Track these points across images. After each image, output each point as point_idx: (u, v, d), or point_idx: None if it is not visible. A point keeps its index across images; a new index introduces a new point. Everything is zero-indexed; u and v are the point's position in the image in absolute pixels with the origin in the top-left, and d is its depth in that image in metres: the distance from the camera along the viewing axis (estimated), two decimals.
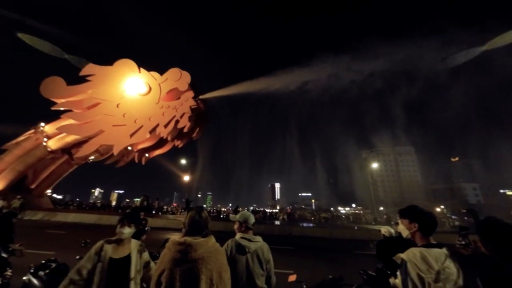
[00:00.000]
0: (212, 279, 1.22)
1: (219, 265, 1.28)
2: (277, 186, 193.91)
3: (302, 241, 12.69)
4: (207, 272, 1.22)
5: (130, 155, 20.07)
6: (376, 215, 34.84)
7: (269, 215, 29.79)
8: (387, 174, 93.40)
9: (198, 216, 1.46)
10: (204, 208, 1.55)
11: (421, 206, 1.62)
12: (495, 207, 59.70)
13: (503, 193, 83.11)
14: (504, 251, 1.37)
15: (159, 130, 15.62)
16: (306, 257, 8.76)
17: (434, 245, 1.44)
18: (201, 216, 1.47)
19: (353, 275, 3.71)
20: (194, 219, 1.45)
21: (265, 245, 2.01)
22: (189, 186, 29.48)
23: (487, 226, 1.44)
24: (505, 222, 1.45)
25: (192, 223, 1.44)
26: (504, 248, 1.37)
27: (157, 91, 16.19)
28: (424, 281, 1.31)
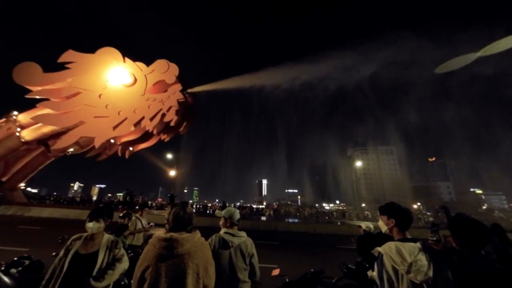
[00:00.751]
0: (198, 273, 1.23)
1: (205, 259, 1.29)
2: (264, 183, 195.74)
3: (287, 236, 12.97)
4: (194, 266, 1.23)
5: (112, 148, 19.29)
6: (358, 211, 36.28)
7: (255, 211, 30.06)
8: (369, 172, 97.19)
9: (182, 212, 1.45)
10: (188, 204, 1.55)
11: (399, 203, 1.71)
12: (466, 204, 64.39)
13: (473, 191, 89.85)
14: (472, 245, 1.49)
15: (145, 123, 15.12)
16: (291, 252, 8.97)
17: (409, 240, 1.53)
18: (185, 212, 1.46)
19: (334, 268, 3.86)
20: (178, 215, 1.44)
21: (249, 240, 2.05)
22: (174, 181, 28.96)
23: (458, 222, 1.56)
24: (474, 218, 1.58)
25: (176, 218, 1.43)
26: (472, 242, 1.48)
27: (142, 82, 15.59)
28: (398, 272, 1.39)
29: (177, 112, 15.62)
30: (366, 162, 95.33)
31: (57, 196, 33.11)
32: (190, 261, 1.23)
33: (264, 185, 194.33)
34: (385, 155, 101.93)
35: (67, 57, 14.96)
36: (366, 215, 31.53)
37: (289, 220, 21.24)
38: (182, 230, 1.37)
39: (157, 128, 15.98)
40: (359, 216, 30.83)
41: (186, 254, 1.23)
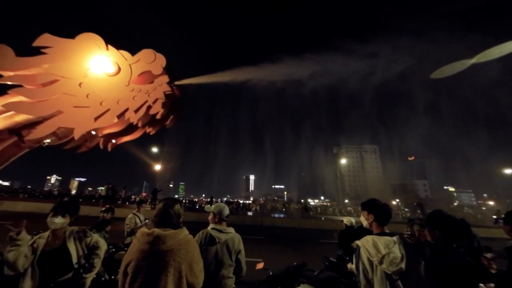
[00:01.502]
0: (180, 271, 1.20)
1: (190, 257, 1.26)
2: (251, 178, 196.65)
3: (272, 231, 13.20)
4: (176, 264, 1.20)
5: (94, 140, 18.41)
6: (342, 207, 37.60)
7: (242, 206, 30.20)
8: (353, 169, 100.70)
9: (168, 208, 1.42)
10: (177, 200, 1.52)
11: (379, 200, 1.79)
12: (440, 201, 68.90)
13: (446, 189, 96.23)
14: (446, 239, 1.60)
15: (129, 115, 14.54)
16: (276, 246, 9.16)
17: (386, 234, 1.62)
18: (172, 208, 1.43)
19: (317, 261, 4.00)
20: (164, 210, 1.41)
21: (237, 236, 2.05)
22: (160, 175, 28.31)
23: (435, 217, 1.66)
24: (448, 214, 1.69)
25: (162, 214, 1.40)
26: (447, 236, 1.60)
27: (127, 72, 14.94)
28: (372, 264, 1.48)
29: (163, 104, 15.16)
30: (350, 160, 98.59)
31: (31, 190, 31.21)
32: (172, 259, 1.20)
33: (251, 181, 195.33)
34: (368, 153, 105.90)
35: (43, 41, 13.94)
36: (349, 210, 32.75)
37: (274, 215, 21.59)
38: (167, 226, 1.35)
39: (142, 120, 15.43)
40: (342, 211, 31.97)
41: (169, 251, 1.21)
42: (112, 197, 17.08)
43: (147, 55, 15.54)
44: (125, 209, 15.86)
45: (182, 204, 1.54)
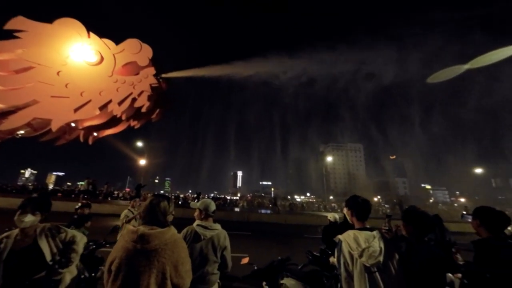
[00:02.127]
0: (164, 272, 1.17)
1: (176, 258, 1.22)
2: (239, 174, 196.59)
3: (259, 227, 13.34)
4: (160, 265, 1.17)
5: (73, 132, 17.48)
6: (326, 203, 38.71)
7: (229, 202, 30.19)
8: (338, 167, 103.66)
9: (156, 205, 1.37)
10: (166, 197, 1.48)
11: (362, 196, 1.87)
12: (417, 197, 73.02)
13: (423, 186, 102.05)
14: (419, 233, 1.71)
15: (112, 108, 13.93)
16: (262, 241, 9.28)
17: (367, 229, 1.69)
18: (160, 205, 1.38)
19: (301, 256, 4.12)
20: (151, 208, 1.36)
21: (223, 233, 2.05)
22: (145, 170, 27.55)
23: (409, 213, 1.77)
24: (422, 210, 1.81)
25: (149, 211, 1.35)
26: (419, 230, 1.71)
27: (110, 62, 14.24)
28: (353, 257, 1.55)
29: (149, 97, 14.67)
30: (336, 157, 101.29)
31: (3, 184, 29.18)
32: (156, 259, 1.17)
33: (239, 177, 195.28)
34: (353, 151, 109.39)
35: (16, 24, 12.91)
36: (333, 206, 33.81)
37: (261, 211, 21.82)
38: (155, 224, 1.31)
39: (126, 113, 14.85)
40: (327, 207, 32.94)
41: (153, 251, 1.17)
42: (93, 192, 16.40)
43: (133, 45, 14.88)
44: (107, 204, 15.30)
45: (171, 201, 1.49)
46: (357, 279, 1.51)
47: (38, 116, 13.01)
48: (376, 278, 1.48)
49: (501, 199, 57.42)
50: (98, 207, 13.45)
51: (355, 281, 1.51)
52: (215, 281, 1.94)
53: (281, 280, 2.17)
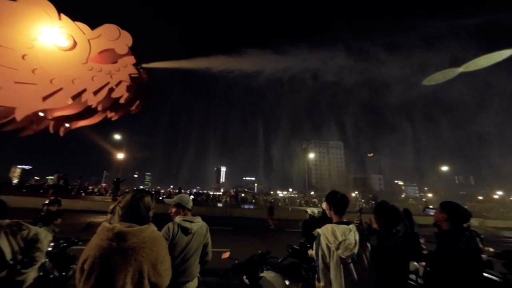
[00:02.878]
0: (142, 271, 1.13)
1: (154, 256, 1.18)
2: (223, 170, 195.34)
3: (241, 222, 13.44)
4: (137, 264, 1.12)
5: (42, 122, 16.14)
6: (307, 198, 39.94)
7: (212, 197, 29.97)
8: (320, 163, 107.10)
9: (140, 200, 1.31)
10: (147, 192, 1.42)
11: (340, 192, 1.95)
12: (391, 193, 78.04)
13: (397, 183, 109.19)
14: (388, 225, 1.84)
15: (86, 97, 13.02)
16: (244, 236, 9.38)
17: (344, 222, 1.78)
18: (142, 201, 1.31)
19: (282, 249, 4.23)
20: (131, 204, 1.29)
21: (205, 225, 2.08)
22: (123, 165, 26.33)
23: (380, 207, 1.89)
24: (392, 204, 1.94)
25: (129, 207, 1.29)
26: (388, 223, 1.83)
27: (85, 48, 13.23)
28: (330, 249, 1.64)
29: (128, 88, 13.92)
30: (318, 154, 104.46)
31: None
32: (133, 258, 1.12)
33: (222, 172, 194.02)
34: (334, 149, 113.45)
35: None
36: (314, 202, 34.99)
37: (244, 206, 21.96)
38: (134, 221, 1.25)
39: (102, 104, 13.98)
40: (308, 202, 34.01)
41: (130, 249, 1.12)
42: (65, 187, 15.36)
43: (110, 31, 13.94)
44: (80, 200, 14.44)
45: (153, 197, 1.44)
46: (333, 270, 1.59)
47: (0, 103, 11.79)
48: (351, 269, 1.57)
49: (462, 194, 63.33)
50: (71, 203, 12.65)
51: (331, 272, 1.60)
52: (196, 275, 1.94)
53: (260, 273, 2.22)
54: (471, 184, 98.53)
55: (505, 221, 21.20)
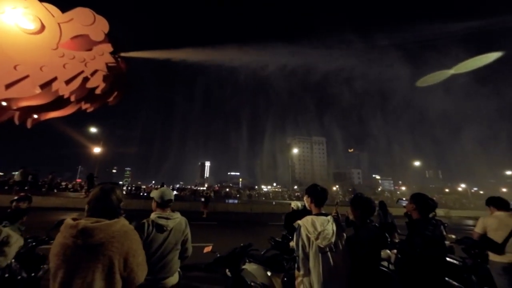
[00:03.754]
0: (111, 266, 1.10)
1: (125, 250, 1.15)
2: (207, 165, 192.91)
3: (225, 217, 13.47)
4: (105, 259, 1.09)
5: (5, 113, 14.73)
6: (291, 192, 40.91)
7: (195, 192, 29.60)
8: (303, 158, 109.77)
9: (105, 194, 1.24)
10: (117, 185, 1.35)
11: (319, 185, 2.02)
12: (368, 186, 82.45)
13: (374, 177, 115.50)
14: (363, 217, 1.95)
15: (58, 87, 12.04)
16: (227, 230, 9.42)
17: (322, 214, 1.86)
18: (110, 195, 1.25)
19: (265, 242, 4.33)
20: (98, 198, 1.23)
21: (183, 220, 2.03)
22: (100, 159, 24.98)
23: (355, 199, 2.00)
24: (366, 196, 2.05)
25: (99, 201, 1.23)
26: (363, 214, 1.94)
27: (54, 32, 12.16)
28: (309, 240, 1.71)
29: (105, 78, 13.08)
30: (301, 149, 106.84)
31: None
32: (102, 253, 1.08)
33: (206, 167, 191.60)
34: (317, 144, 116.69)
35: None
36: (297, 195, 35.93)
37: (228, 201, 21.98)
38: (102, 216, 1.19)
39: (76, 94, 13.03)
40: (291, 196, 34.86)
41: (98, 245, 1.08)
42: (34, 183, 14.26)
43: (84, 15, 12.92)
44: (52, 197, 13.51)
45: (121, 189, 1.39)
46: (312, 259, 1.67)
47: None
48: (328, 257, 1.67)
49: (431, 187, 68.61)
50: (41, 200, 11.82)
51: (310, 261, 1.68)
52: (176, 270, 1.92)
53: (242, 265, 2.26)
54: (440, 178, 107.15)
55: (466, 210, 23.41)
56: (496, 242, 2.63)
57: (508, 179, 67.84)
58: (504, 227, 2.63)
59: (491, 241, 2.68)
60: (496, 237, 2.65)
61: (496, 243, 2.63)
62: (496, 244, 2.62)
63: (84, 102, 14.94)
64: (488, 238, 2.71)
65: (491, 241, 2.68)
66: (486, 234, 2.74)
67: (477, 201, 30.50)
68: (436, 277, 2.02)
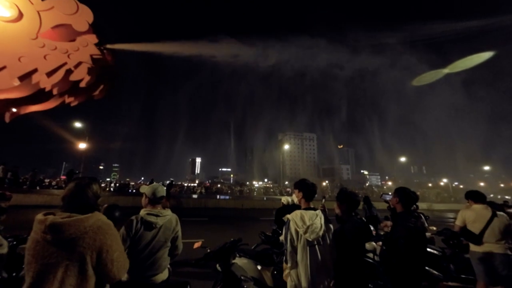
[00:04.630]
0: (84, 261, 1.08)
1: (98, 245, 1.12)
2: (198, 161, 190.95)
3: (216, 212, 13.46)
4: (77, 255, 1.07)
5: None
6: (282, 188, 41.39)
7: (186, 189, 29.34)
8: (294, 154, 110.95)
9: (80, 189, 1.20)
10: (94, 180, 1.31)
11: (311, 181, 2.06)
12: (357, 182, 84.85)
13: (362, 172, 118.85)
14: (348, 210, 2.01)
15: (38, 79, 11.45)
16: (218, 226, 9.43)
17: (311, 208, 1.90)
18: (86, 190, 1.21)
19: (256, 238, 4.37)
20: (73, 193, 1.19)
21: (174, 217, 2.00)
22: (86, 156, 24.14)
23: (340, 194, 2.05)
24: (350, 190, 2.12)
25: (72, 196, 1.19)
26: (349, 207, 2.00)
27: (34, 21, 11.48)
28: (298, 233, 1.75)
29: (90, 70, 12.56)
30: (292, 146, 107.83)
31: None
32: (72, 249, 1.06)
33: (197, 163, 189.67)
34: (308, 140, 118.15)
35: None
36: (288, 191, 36.41)
37: (220, 196, 21.94)
38: (76, 211, 1.16)
39: (59, 87, 12.44)
40: (282, 192, 35.29)
41: (69, 240, 1.06)
42: (15, 180, 13.62)
43: (65, 3, 12.27)
44: (34, 195, 12.97)
45: (99, 185, 1.34)
46: (299, 252, 1.72)
47: None
48: (315, 250, 1.71)
49: (416, 182, 71.53)
50: (23, 198, 11.36)
51: (298, 254, 1.72)
52: (165, 267, 1.91)
53: (232, 260, 2.28)
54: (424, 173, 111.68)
55: (447, 204, 24.61)
56: (474, 233, 2.79)
57: (485, 174, 71.91)
58: (481, 219, 2.79)
59: (470, 233, 2.83)
60: (474, 228, 2.81)
61: (474, 234, 2.78)
62: (474, 235, 2.78)
63: (68, 95, 14.29)
64: (467, 230, 2.87)
65: (470, 233, 2.84)
66: (466, 226, 2.89)
67: (457, 195, 32.15)
68: (417, 267, 2.13)
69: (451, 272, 3.49)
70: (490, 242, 2.69)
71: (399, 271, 2.13)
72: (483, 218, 2.79)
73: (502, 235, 2.68)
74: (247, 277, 2.20)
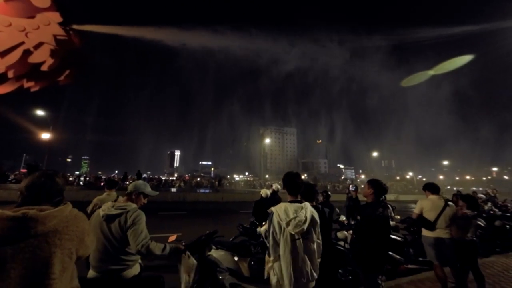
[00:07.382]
0: (71, 248, 1.07)
1: (80, 231, 1.13)
2: (177, 154, 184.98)
3: (195, 206, 13.30)
4: (65, 243, 1.04)
5: None
6: (262, 181, 41.99)
7: (164, 182, 28.42)
8: (275, 148, 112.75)
9: (44, 179, 1.13)
10: (57, 173, 1.22)
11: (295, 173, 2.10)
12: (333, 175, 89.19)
13: (338, 166, 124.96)
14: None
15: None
16: (197, 220, 9.35)
17: (297, 201, 1.89)
18: (51, 179, 1.14)
19: (235, 230, 4.40)
20: (37, 183, 1.11)
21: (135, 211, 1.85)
22: (51, 147, 22.12)
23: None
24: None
25: (33, 187, 1.10)
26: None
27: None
28: (281, 226, 1.74)
29: (53, 52, 11.37)
30: (273, 140, 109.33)
31: None
32: (58, 238, 1.03)
33: (176, 157, 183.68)
34: (288, 135, 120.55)
35: None
36: (268, 184, 37.10)
37: (200, 190, 21.64)
38: (44, 203, 1.08)
39: (15, 70, 11.10)
40: (263, 185, 35.84)
41: (52, 232, 1.02)
42: None
43: None
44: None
45: (63, 177, 1.29)
46: (282, 246, 1.71)
47: None
48: (299, 244, 1.70)
49: (386, 175, 77.18)
50: None
51: (281, 248, 1.71)
52: (135, 261, 1.84)
53: (208, 252, 2.28)
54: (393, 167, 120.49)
55: (411, 195, 26.98)
56: (429, 220, 3.11)
57: (444, 168, 79.85)
58: (436, 208, 3.12)
59: (426, 220, 3.15)
60: (430, 216, 3.13)
61: (429, 221, 3.10)
62: (429, 222, 3.10)
63: (27, 79, 12.79)
64: (423, 217, 3.19)
65: (425, 220, 3.16)
66: (422, 214, 3.21)
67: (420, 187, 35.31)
68: (381, 252, 2.32)
69: (411, 256, 3.88)
70: (441, 228, 3.03)
71: (365, 256, 2.30)
72: (437, 207, 3.12)
73: (450, 222, 3.05)
74: (222, 268, 2.22)
